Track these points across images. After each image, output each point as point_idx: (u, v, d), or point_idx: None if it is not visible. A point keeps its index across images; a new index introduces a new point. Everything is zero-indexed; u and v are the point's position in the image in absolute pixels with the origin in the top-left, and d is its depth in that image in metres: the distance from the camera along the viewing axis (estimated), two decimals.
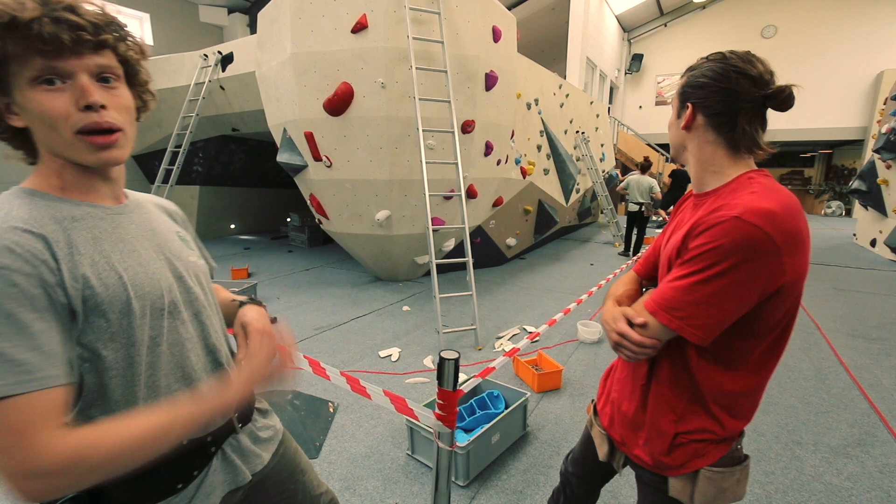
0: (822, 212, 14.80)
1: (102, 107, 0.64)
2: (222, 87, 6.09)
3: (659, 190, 6.92)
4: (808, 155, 15.36)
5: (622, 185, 7.18)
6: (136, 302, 0.68)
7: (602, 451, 1.11)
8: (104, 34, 0.63)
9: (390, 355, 3.33)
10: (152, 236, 0.77)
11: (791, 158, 15.48)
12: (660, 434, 0.94)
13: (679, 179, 8.65)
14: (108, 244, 0.68)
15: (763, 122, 0.86)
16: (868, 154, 8.76)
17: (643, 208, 6.89)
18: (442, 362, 1.25)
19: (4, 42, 0.58)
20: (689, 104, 0.89)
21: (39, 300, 0.57)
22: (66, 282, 0.60)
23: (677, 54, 14.81)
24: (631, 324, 0.87)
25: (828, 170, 15.47)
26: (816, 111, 12.85)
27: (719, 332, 0.82)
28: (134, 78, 0.72)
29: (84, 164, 0.67)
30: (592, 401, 1.24)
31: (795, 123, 12.72)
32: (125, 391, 0.68)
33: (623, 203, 10.37)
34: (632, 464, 1.04)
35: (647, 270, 1.13)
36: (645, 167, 7.13)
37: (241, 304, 0.92)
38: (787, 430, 2.39)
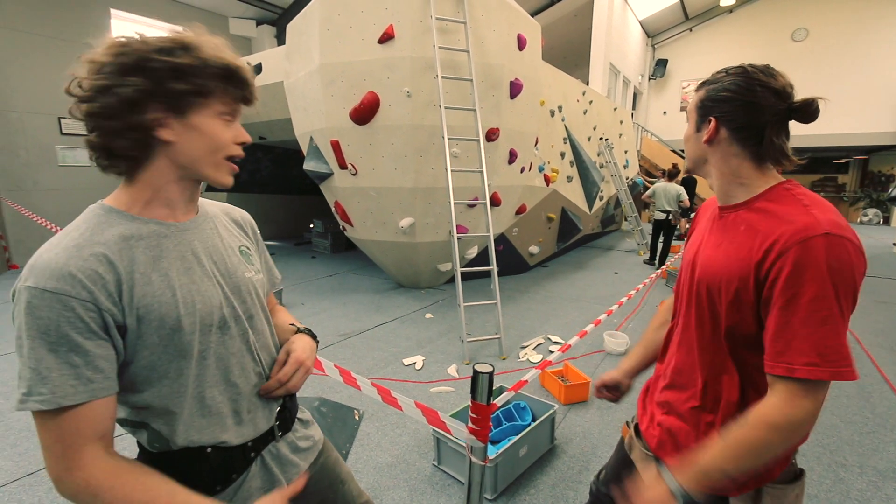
0: (858, 220, 14.22)
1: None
2: None
3: (687, 198, 6.76)
4: (842, 161, 14.83)
5: (647, 192, 7.04)
6: (186, 319, 0.72)
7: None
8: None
9: (414, 363, 3.33)
10: (213, 252, 0.81)
11: (824, 164, 14.96)
12: None
13: (688, 186, 8.45)
14: (167, 262, 0.73)
15: (787, 134, 0.86)
16: None
17: (670, 216, 6.74)
18: (476, 376, 1.24)
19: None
20: (712, 118, 0.88)
21: (92, 323, 0.64)
22: (122, 301, 0.67)
23: (703, 59, 14.52)
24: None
25: (863, 176, 14.89)
26: (851, 115, 12.40)
27: None
28: None
29: (216, 181, 0.78)
30: (627, 422, 1.19)
31: (828, 128, 12.30)
32: (173, 401, 0.73)
33: (646, 210, 10.17)
34: None
35: None
36: (672, 174, 6.98)
37: (298, 330, 0.97)
38: (829, 450, 2.29)
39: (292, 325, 0.99)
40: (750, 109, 0.83)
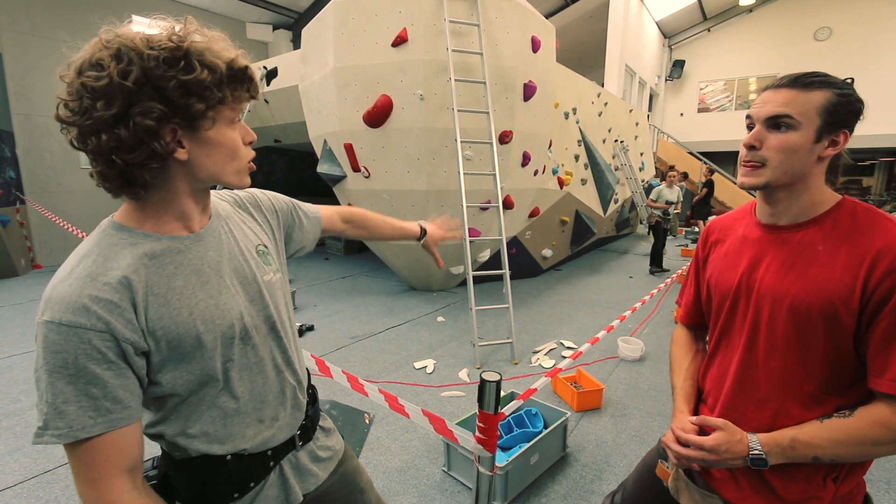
0: None
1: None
2: (266, 101, 6.32)
3: (653, 196, 6.65)
4: (866, 163, 14.40)
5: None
6: (207, 335, 0.71)
7: None
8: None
9: (425, 367, 3.32)
10: (230, 259, 0.78)
11: (847, 167, 14.49)
12: (819, 501, 0.85)
13: (713, 189, 8.36)
14: (182, 279, 0.71)
15: None
16: None
17: (648, 217, 6.79)
18: (483, 384, 1.22)
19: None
20: (847, 132, 0.83)
21: (109, 353, 0.63)
22: (140, 325, 0.65)
23: (721, 59, 14.25)
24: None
25: (889, 178, 14.44)
26: (876, 116, 12.02)
27: None
28: None
29: (238, 186, 0.76)
30: (664, 462, 1.07)
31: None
32: (193, 412, 0.73)
33: None
34: None
35: (698, 318, 1.10)
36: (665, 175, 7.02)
37: (423, 229, 1.29)
38: None
39: (411, 228, 1.28)
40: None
